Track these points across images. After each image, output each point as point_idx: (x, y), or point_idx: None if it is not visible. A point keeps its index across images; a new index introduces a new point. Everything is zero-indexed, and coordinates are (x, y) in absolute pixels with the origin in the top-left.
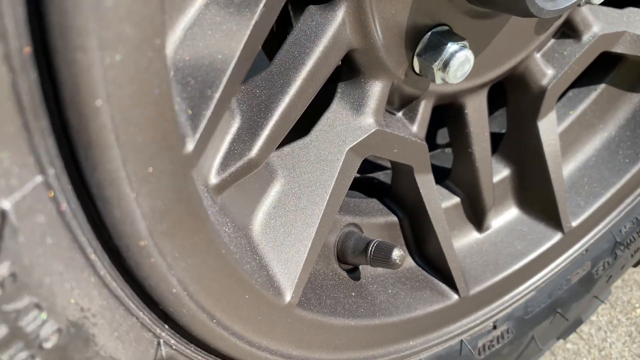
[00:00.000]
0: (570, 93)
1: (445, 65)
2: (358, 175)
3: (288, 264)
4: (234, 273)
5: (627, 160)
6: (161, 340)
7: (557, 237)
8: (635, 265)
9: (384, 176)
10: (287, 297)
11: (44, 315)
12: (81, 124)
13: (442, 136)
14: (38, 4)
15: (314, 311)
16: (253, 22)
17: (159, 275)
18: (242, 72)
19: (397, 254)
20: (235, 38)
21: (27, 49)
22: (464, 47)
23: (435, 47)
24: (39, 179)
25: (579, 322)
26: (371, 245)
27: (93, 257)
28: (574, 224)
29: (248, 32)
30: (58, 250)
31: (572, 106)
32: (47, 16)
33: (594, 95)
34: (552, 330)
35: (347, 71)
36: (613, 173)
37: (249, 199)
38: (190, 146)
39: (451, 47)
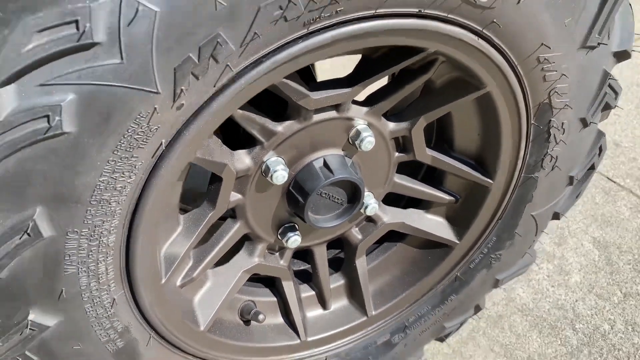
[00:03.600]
0: (383, 244)
1: (287, 241)
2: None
3: (206, 315)
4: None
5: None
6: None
7: (364, 318)
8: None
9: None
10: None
11: None
12: None
13: None
14: None
15: (217, 335)
16: None
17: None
18: None
19: (261, 317)
20: None
21: None
22: (297, 234)
23: (284, 233)
24: None
25: None
26: (252, 311)
27: None
28: (374, 312)
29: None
30: None
31: (380, 256)
32: None
33: (393, 248)
34: None
35: (246, 240)
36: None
37: (194, 290)
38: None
39: (290, 235)
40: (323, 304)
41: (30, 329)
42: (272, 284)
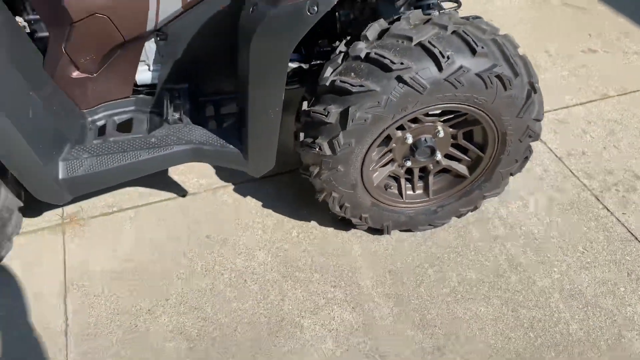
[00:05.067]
0: (442, 171)
1: (405, 164)
2: None
3: (377, 181)
4: None
5: None
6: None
7: (428, 198)
8: None
9: None
10: (375, 184)
11: None
12: None
13: None
14: None
15: (378, 190)
16: None
17: None
18: None
19: (391, 188)
20: None
21: None
22: (410, 162)
23: (405, 160)
24: None
25: None
26: (389, 185)
27: None
28: (432, 197)
29: None
30: None
31: (439, 176)
32: None
33: (445, 174)
34: None
35: (391, 161)
36: None
37: (373, 173)
38: None
39: (407, 162)
40: (413, 190)
41: (337, 170)
42: (396, 178)
